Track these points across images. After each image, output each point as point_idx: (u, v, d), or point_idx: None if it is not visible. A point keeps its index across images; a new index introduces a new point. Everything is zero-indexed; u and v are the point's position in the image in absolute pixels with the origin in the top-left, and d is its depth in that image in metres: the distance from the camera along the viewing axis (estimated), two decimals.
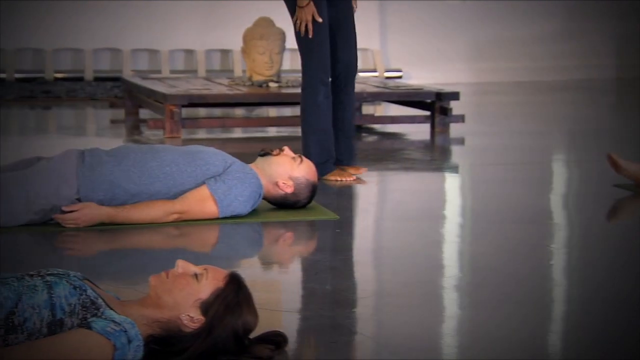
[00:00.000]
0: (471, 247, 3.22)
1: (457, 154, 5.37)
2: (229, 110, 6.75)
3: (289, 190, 3.45)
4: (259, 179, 3.41)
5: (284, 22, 6.57)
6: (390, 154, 5.04)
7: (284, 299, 2.63)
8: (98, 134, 6.45)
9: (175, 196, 3.30)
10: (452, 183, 4.50)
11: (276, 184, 3.44)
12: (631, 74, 9.05)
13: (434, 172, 4.71)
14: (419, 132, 5.78)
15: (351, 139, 4.24)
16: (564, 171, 4.62)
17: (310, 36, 4.02)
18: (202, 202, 3.31)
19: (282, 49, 6.15)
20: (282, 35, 6.14)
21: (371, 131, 6.07)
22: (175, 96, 5.43)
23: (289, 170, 3.45)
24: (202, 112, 6.68)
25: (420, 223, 3.52)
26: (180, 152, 3.40)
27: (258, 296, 2.52)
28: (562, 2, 9.25)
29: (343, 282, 2.78)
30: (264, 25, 6.11)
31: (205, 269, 2.03)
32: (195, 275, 2.00)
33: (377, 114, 6.90)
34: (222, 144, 5.59)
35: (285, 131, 5.89)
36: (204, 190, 3.31)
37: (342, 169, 4.18)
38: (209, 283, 2.00)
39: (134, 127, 6.20)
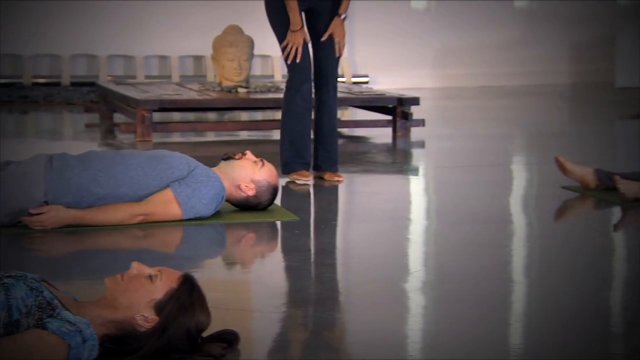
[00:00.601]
0: (429, 247, 3.24)
1: (417, 156, 5.40)
2: (201, 115, 6.74)
3: (251, 192, 3.46)
4: (222, 182, 3.41)
5: (253, 30, 6.60)
6: (353, 156, 5.05)
7: (243, 298, 2.64)
8: (74, 137, 6.42)
9: (140, 199, 3.30)
10: (411, 185, 4.52)
11: (238, 187, 3.45)
12: (584, 79, 9.14)
13: (394, 174, 4.73)
14: (382, 135, 5.80)
15: (330, 146, 4.19)
16: (518, 173, 4.65)
17: (298, 61, 4.03)
18: (166, 204, 3.31)
19: (251, 55, 6.14)
20: (251, 43, 6.13)
21: (339, 135, 6.08)
22: (147, 101, 5.42)
23: (250, 174, 3.46)
24: (176, 116, 6.66)
25: (380, 224, 3.54)
26: (146, 156, 3.40)
27: (217, 295, 2.54)
28: (522, 11, 9.32)
29: (300, 282, 2.80)
30: (233, 33, 6.11)
31: (159, 271, 2.03)
32: (150, 277, 2.01)
33: (344, 118, 6.91)
34: (192, 147, 5.60)
35: (255, 135, 5.89)
36: (168, 193, 3.31)
37: (321, 174, 4.19)
38: (163, 284, 2.01)
39: (108, 131, 6.17)
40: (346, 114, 7.22)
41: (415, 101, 5.74)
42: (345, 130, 6.12)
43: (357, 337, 2.28)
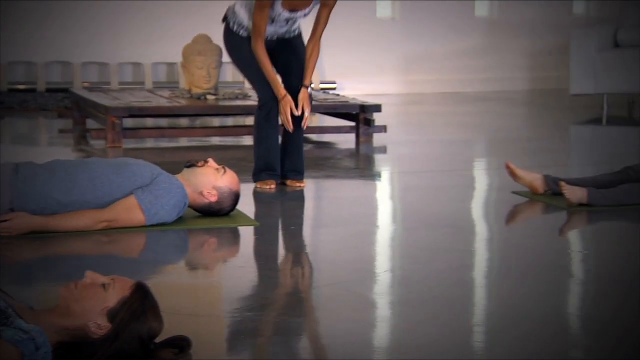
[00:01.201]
0: (387, 252, 3.25)
1: (378, 162, 5.41)
2: (174, 120, 6.70)
3: (213, 199, 3.46)
4: (184, 188, 3.41)
5: (221, 39, 6.58)
6: (317, 162, 5.06)
7: (200, 303, 2.63)
8: (48, 143, 6.37)
9: (104, 206, 3.29)
10: (372, 190, 4.53)
11: (201, 193, 3.45)
12: (541, 86, 9.22)
13: (355, 179, 4.74)
14: (347, 141, 5.82)
15: (297, 158, 4.20)
16: (473, 179, 4.67)
17: (291, 130, 4.05)
18: (129, 211, 3.30)
19: (219, 63, 6.13)
20: (219, 51, 6.12)
21: (306, 140, 6.08)
22: (117, 108, 5.40)
23: (212, 181, 3.47)
24: (149, 121, 6.62)
25: (339, 229, 3.55)
26: (110, 164, 3.39)
27: (176, 300, 2.54)
28: (482, 20, 9.38)
29: (256, 286, 2.80)
30: (202, 42, 6.09)
31: (112, 279, 2.03)
32: (103, 285, 2.01)
33: (311, 125, 6.90)
34: (161, 152, 5.58)
35: (224, 140, 5.88)
36: (131, 200, 3.30)
37: (285, 181, 4.20)
38: (116, 292, 2.00)
39: (81, 137, 6.13)
40: (314, 119, 7.24)
41: (377, 108, 5.76)
42: (311, 136, 6.14)
43: (313, 340, 2.29)
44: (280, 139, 4.23)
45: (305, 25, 4.26)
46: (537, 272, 2.84)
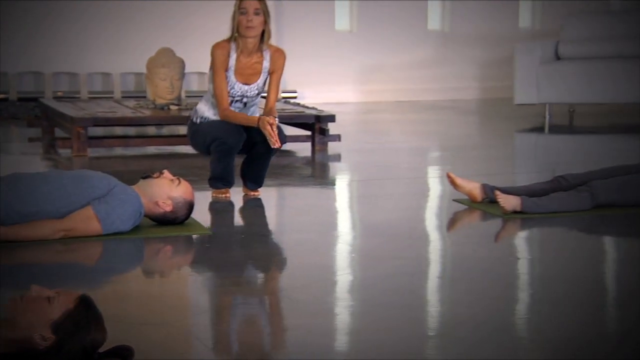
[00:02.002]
0: (333, 259, 3.24)
1: (332, 170, 5.42)
2: (142, 129, 6.61)
3: (168, 208, 3.45)
4: (140, 199, 3.40)
5: (183, 52, 6.55)
6: (273, 170, 5.03)
7: (151, 311, 2.61)
8: (18, 150, 6.29)
9: (63, 216, 3.27)
10: (324, 198, 4.52)
11: (156, 203, 3.44)
12: (489, 95, 9.31)
13: (309, 187, 4.75)
14: (304, 149, 5.83)
15: (259, 170, 4.15)
16: (419, 186, 4.64)
17: (278, 146, 3.93)
18: (86, 221, 3.29)
19: (182, 75, 6.11)
20: (182, 64, 6.11)
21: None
22: (82, 119, 5.36)
23: (167, 191, 3.46)
24: (118, 130, 6.55)
25: (290, 236, 3.56)
26: (68, 176, 3.37)
27: (128, 308, 2.53)
28: (434, 33, 9.45)
29: (202, 294, 2.79)
30: (165, 54, 6.07)
31: (57, 293, 2.02)
32: (48, 298, 2.00)
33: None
34: (126, 161, 5.55)
35: (188, 149, 5.83)
36: (88, 211, 3.29)
37: (245, 190, 4.17)
38: (60, 305, 1.99)
39: (50, 145, 6.07)
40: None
41: (331, 118, 5.77)
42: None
43: (262, 347, 2.29)
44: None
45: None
46: (476, 278, 2.87)
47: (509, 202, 3.65)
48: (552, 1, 9.53)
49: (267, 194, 4.28)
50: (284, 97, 8.70)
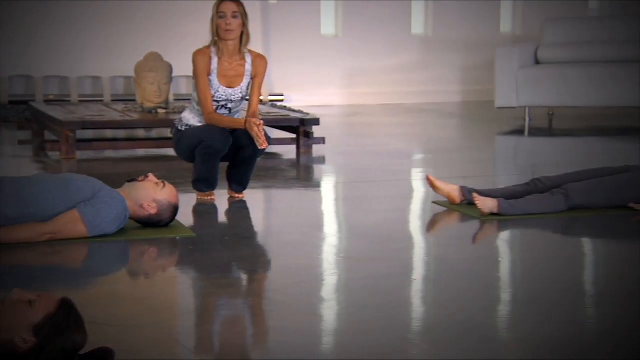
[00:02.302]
0: (313, 261, 3.22)
1: (317, 172, 5.43)
2: (131, 132, 6.60)
3: (153, 211, 3.45)
4: (125, 202, 3.40)
5: (170, 56, 6.55)
6: (258, 172, 5.03)
7: (132, 313, 2.59)
8: (10, 154, 6.26)
9: (48, 219, 3.26)
10: (307, 200, 4.51)
11: (141, 206, 3.44)
12: (471, 99, 9.35)
13: (292, 190, 4.75)
14: (290, 152, 5.83)
15: (244, 173, 4.13)
16: (401, 189, 4.64)
17: (265, 146, 3.89)
18: (72, 223, 3.28)
19: (170, 79, 6.11)
20: (169, 68, 6.10)
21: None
22: (70, 122, 5.34)
23: (152, 194, 3.46)
24: (108, 132, 6.52)
25: (272, 238, 3.55)
26: (54, 180, 3.36)
27: (109, 311, 2.52)
28: (418, 38, 9.48)
29: (184, 296, 2.79)
30: (153, 59, 6.06)
31: (39, 296, 2.02)
32: (29, 302, 1.99)
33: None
34: (113, 163, 5.54)
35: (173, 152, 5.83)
36: (74, 214, 3.28)
37: (230, 192, 4.17)
38: (42, 308, 1.99)
39: (40, 148, 6.05)
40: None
41: (316, 122, 5.78)
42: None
43: (239, 348, 2.29)
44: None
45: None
46: (454, 279, 2.89)
47: (486, 204, 3.67)
48: (533, 7, 9.58)
49: (252, 196, 4.27)
50: (270, 100, 8.71)
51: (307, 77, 9.08)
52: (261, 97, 8.82)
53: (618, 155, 5.85)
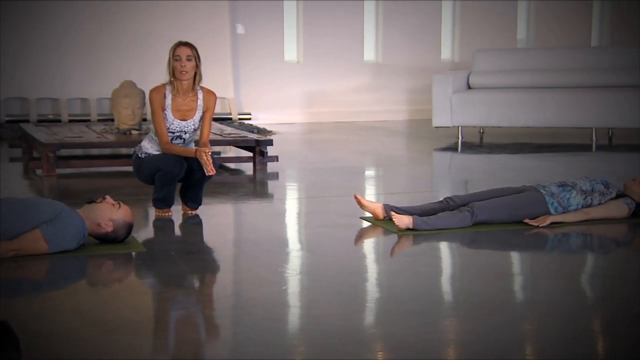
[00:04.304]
0: (237, 275, 3.24)
1: (270, 188, 5.41)
2: (114, 150, 6.51)
3: (109, 229, 3.47)
4: (84, 221, 3.41)
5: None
6: (214, 187, 5.03)
7: (72, 327, 2.56)
8: (2, 169, 6.22)
9: (13, 237, 3.27)
10: (252, 215, 4.49)
11: (99, 225, 3.46)
12: (415, 118, 9.42)
13: (242, 204, 4.75)
14: (248, 168, 5.84)
15: (196, 193, 4.15)
16: (335, 205, 4.59)
17: (212, 172, 3.93)
18: (35, 241, 3.29)
19: (143, 104, 6.11)
20: (142, 94, 6.11)
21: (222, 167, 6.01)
22: (50, 144, 5.33)
23: (109, 214, 3.47)
24: (94, 150, 6.42)
25: (213, 254, 3.54)
26: (19, 202, 3.37)
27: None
28: (369, 64, 9.54)
29: (122, 309, 2.77)
30: (128, 86, 6.07)
31: None
32: None
33: (223, 155, 6.82)
34: (90, 179, 5.50)
35: None
36: (37, 233, 3.30)
37: (185, 208, 4.20)
38: None
39: (28, 166, 6.01)
40: (230, 149, 7.21)
41: (269, 142, 5.81)
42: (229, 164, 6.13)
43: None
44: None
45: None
46: (359, 289, 2.92)
47: (402, 221, 3.72)
48: (469, 37, 9.68)
49: (205, 211, 4.27)
50: (240, 119, 8.72)
51: (272, 98, 9.12)
52: (232, 116, 8.93)
53: (535, 168, 5.93)
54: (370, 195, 4.91)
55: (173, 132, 4.11)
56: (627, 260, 3.54)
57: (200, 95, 4.17)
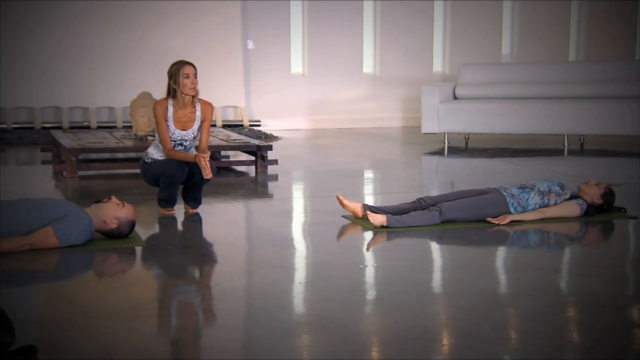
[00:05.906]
0: (225, 268, 3.22)
1: (270, 189, 5.40)
2: (127, 153, 6.52)
3: (114, 226, 3.52)
4: (91, 219, 3.48)
5: (160, 94, 6.56)
6: (217, 187, 5.05)
7: (66, 314, 2.58)
8: (33, 170, 6.30)
9: (27, 233, 3.33)
10: (248, 214, 4.51)
11: (104, 222, 3.52)
12: (410, 124, 9.40)
13: (241, 203, 4.76)
14: (250, 170, 5.87)
15: (196, 194, 4.19)
16: (322, 204, 4.56)
17: (210, 177, 3.96)
18: (46, 237, 3.36)
19: None
20: None
21: (224, 169, 6.05)
22: (72, 149, 5.41)
23: (114, 212, 3.53)
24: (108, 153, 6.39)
25: (205, 249, 3.57)
26: (33, 202, 3.43)
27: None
28: (368, 75, 9.54)
29: (112, 299, 2.79)
30: (144, 97, 6.13)
31: None
32: None
33: (232, 158, 6.82)
34: (108, 180, 5.54)
35: None
36: (48, 229, 3.36)
37: (186, 207, 4.23)
38: None
39: (55, 168, 6.07)
40: (236, 153, 7.22)
41: (269, 147, 5.84)
42: (224, 166, 6.15)
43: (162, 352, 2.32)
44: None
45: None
46: (333, 282, 2.93)
47: (377, 219, 3.73)
48: (458, 51, 9.65)
49: (205, 210, 4.30)
50: (250, 125, 8.76)
51: (279, 106, 9.15)
52: (243, 123, 8.97)
53: (509, 171, 5.91)
54: (366, 195, 4.89)
55: (175, 141, 4.18)
56: (580, 254, 3.53)
57: (198, 107, 4.22)
